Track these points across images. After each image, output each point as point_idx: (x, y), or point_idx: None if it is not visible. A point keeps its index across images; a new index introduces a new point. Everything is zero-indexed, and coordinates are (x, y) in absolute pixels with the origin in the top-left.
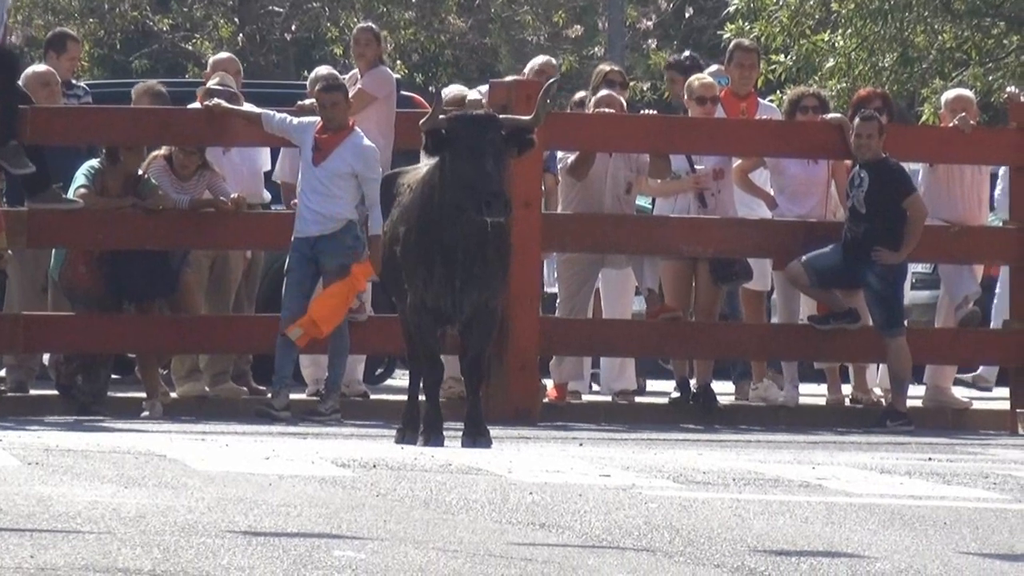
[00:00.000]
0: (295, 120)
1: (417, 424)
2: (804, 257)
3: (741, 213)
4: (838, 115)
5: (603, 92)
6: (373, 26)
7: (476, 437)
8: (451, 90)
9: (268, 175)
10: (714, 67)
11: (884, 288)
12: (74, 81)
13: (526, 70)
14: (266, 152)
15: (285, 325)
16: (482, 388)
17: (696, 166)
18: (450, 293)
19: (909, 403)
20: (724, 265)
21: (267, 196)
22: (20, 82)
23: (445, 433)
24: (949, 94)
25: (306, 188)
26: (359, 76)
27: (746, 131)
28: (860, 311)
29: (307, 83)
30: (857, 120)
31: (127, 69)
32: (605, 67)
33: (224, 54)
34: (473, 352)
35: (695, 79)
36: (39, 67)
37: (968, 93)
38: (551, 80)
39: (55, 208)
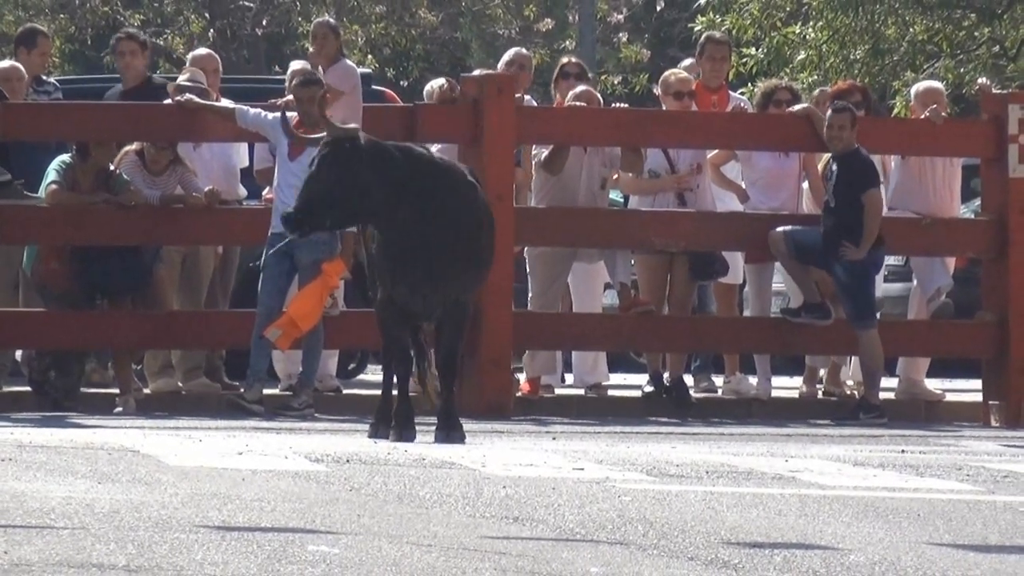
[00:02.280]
0: (270, 115)
1: (390, 418)
2: (788, 228)
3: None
4: (805, 106)
5: (580, 88)
6: (330, 20)
7: (449, 432)
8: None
9: (245, 172)
10: (688, 61)
11: (851, 281)
12: (44, 77)
13: (501, 63)
14: (243, 148)
15: (262, 323)
16: (456, 383)
17: (675, 164)
18: (416, 290)
19: (882, 395)
20: (705, 262)
21: (243, 192)
22: None
23: (420, 428)
24: (920, 86)
25: (282, 184)
26: (322, 72)
27: (718, 124)
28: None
29: (283, 78)
30: (829, 112)
31: (98, 65)
32: (563, 59)
33: (203, 50)
34: (445, 348)
35: (671, 74)
36: (4, 63)
37: (939, 85)
38: (322, 91)
39: (16, 204)
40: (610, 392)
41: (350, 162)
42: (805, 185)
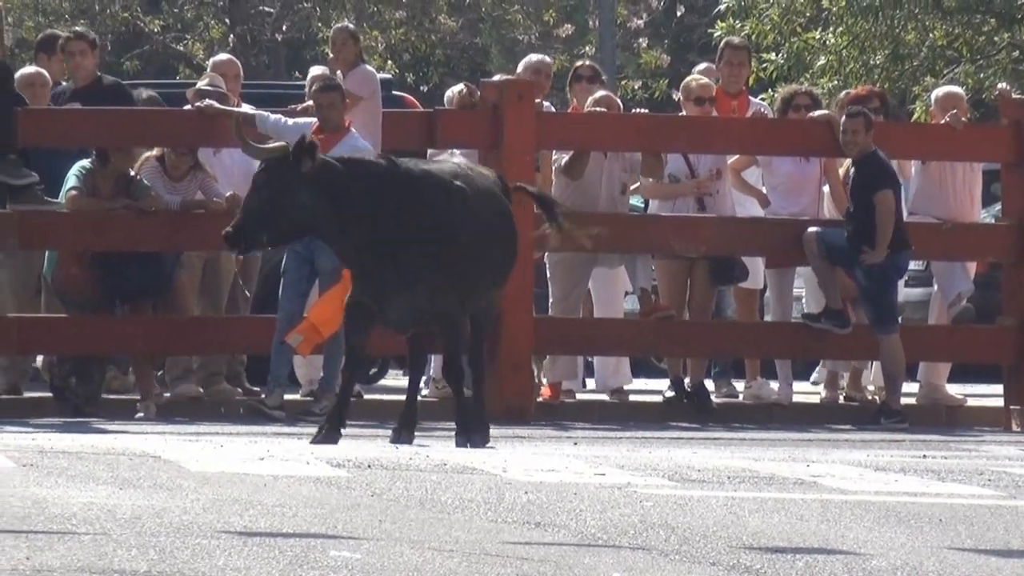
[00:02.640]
0: (290, 121)
1: (411, 423)
2: (821, 229)
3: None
4: (826, 111)
5: (600, 93)
6: (350, 25)
7: (468, 435)
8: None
9: None
10: (703, 65)
11: (871, 286)
12: (64, 82)
13: (520, 68)
14: None
15: (283, 328)
16: (477, 388)
17: (695, 169)
18: (376, 300)
19: (903, 400)
20: (725, 267)
21: None
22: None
23: (443, 433)
24: (940, 91)
25: None
26: (341, 77)
27: (738, 129)
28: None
29: (304, 84)
30: (844, 117)
31: (118, 70)
32: (578, 62)
33: (224, 56)
34: (445, 357)
35: (692, 79)
36: (27, 69)
37: (959, 90)
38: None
39: (36, 209)
40: (631, 397)
41: (285, 180)
42: (826, 189)
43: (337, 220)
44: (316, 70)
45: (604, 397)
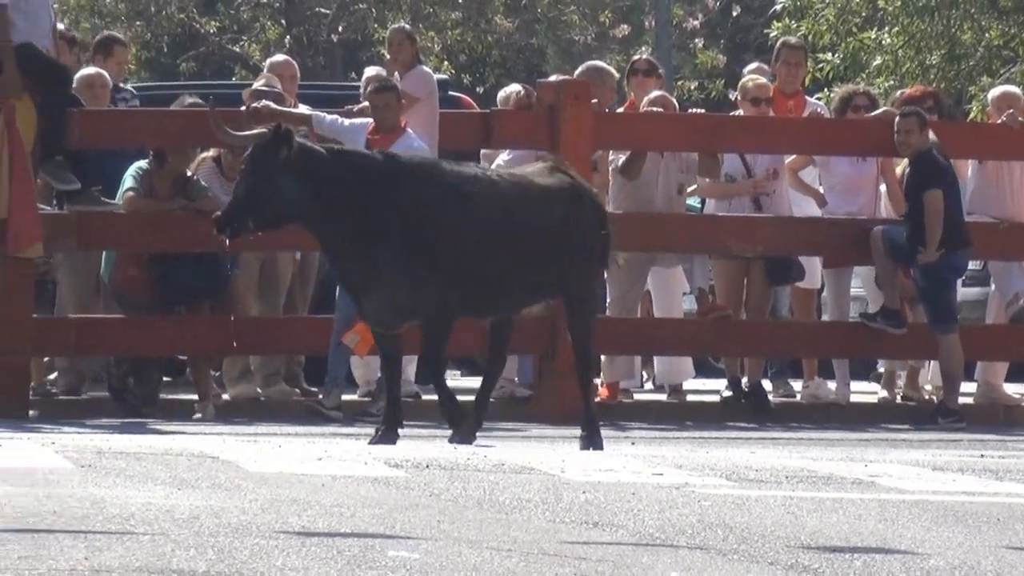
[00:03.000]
0: (347, 121)
1: (460, 422)
2: (886, 227)
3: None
4: (886, 109)
5: (656, 93)
6: (406, 26)
7: (592, 438)
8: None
9: None
10: (754, 64)
11: (928, 286)
12: (121, 84)
13: (579, 71)
14: None
15: (340, 329)
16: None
17: (751, 169)
18: (360, 295)
19: (961, 400)
20: (781, 267)
21: None
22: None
23: (502, 433)
24: (996, 91)
25: None
26: (398, 78)
27: (795, 129)
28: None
29: (359, 84)
30: (897, 117)
31: (174, 72)
32: (635, 56)
33: (280, 57)
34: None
35: (750, 80)
36: (87, 70)
37: (1015, 90)
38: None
39: (93, 210)
40: (689, 397)
41: (268, 167)
42: (883, 189)
43: (315, 209)
44: (371, 71)
45: (661, 397)
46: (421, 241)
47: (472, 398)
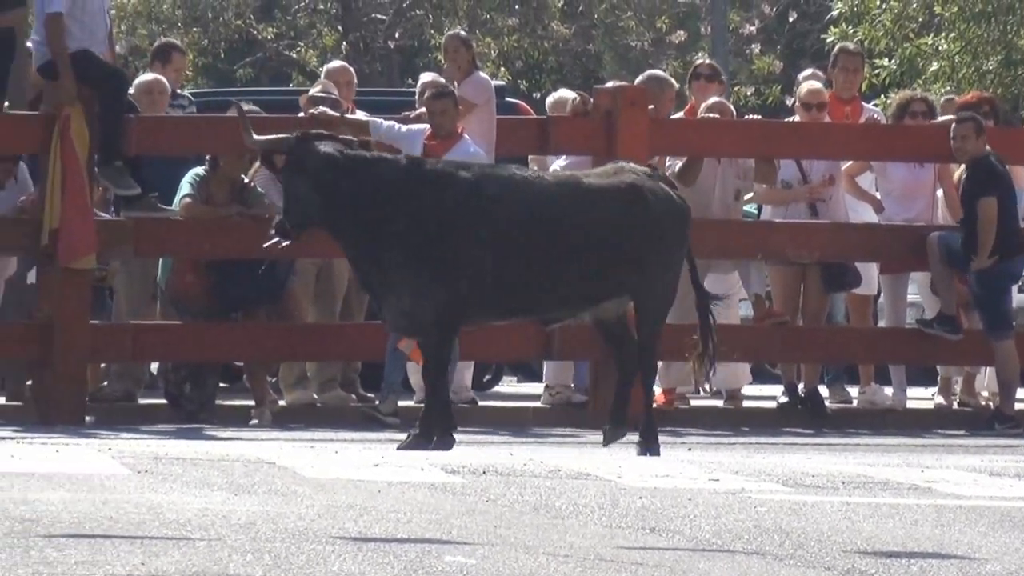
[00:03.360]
0: (404, 128)
1: (434, 431)
2: (943, 233)
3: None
4: (948, 117)
5: (713, 99)
6: (462, 33)
7: (649, 444)
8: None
9: None
10: (809, 71)
11: (984, 292)
12: (179, 91)
13: (640, 79)
14: None
15: (396, 335)
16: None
17: (808, 175)
18: (375, 297)
19: (1017, 406)
20: (836, 274)
21: None
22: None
23: (556, 439)
24: None
25: None
26: (456, 84)
27: (851, 135)
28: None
29: (414, 91)
30: (953, 123)
31: (231, 78)
32: (697, 60)
33: (337, 63)
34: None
35: (804, 86)
36: (146, 76)
37: None
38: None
39: (150, 217)
40: (745, 403)
41: (287, 171)
42: (940, 195)
43: (332, 214)
44: (426, 77)
45: (718, 403)
46: (425, 247)
47: (529, 404)
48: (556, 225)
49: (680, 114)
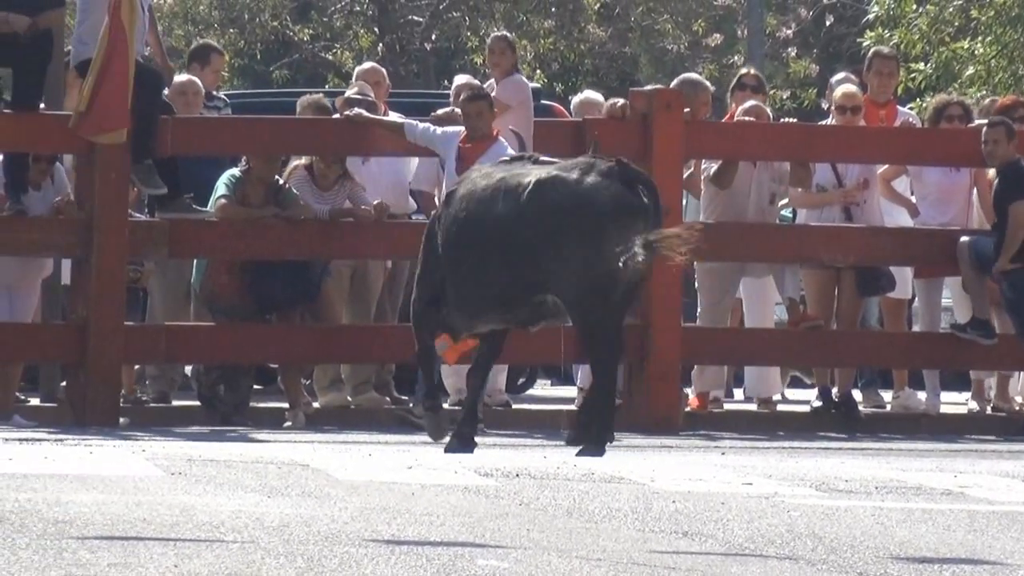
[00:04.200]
0: (439, 130)
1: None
2: (973, 237)
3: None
4: (982, 121)
5: (750, 103)
6: (508, 35)
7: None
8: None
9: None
10: (842, 74)
11: (1015, 296)
12: (214, 92)
13: (675, 83)
14: (412, 162)
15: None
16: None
17: (842, 179)
18: None
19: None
20: (870, 278)
21: (412, 205)
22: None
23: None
24: None
25: None
26: (494, 85)
27: (887, 139)
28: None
29: (450, 93)
30: (984, 127)
31: (267, 79)
32: (743, 69)
33: (368, 64)
34: None
35: (839, 89)
36: (180, 77)
37: None
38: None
39: (185, 218)
40: (779, 407)
41: None
42: (975, 199)
43: None
44: (461, 79)
45: (752, 407)
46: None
47: (563, 407)
48: (485, 225)
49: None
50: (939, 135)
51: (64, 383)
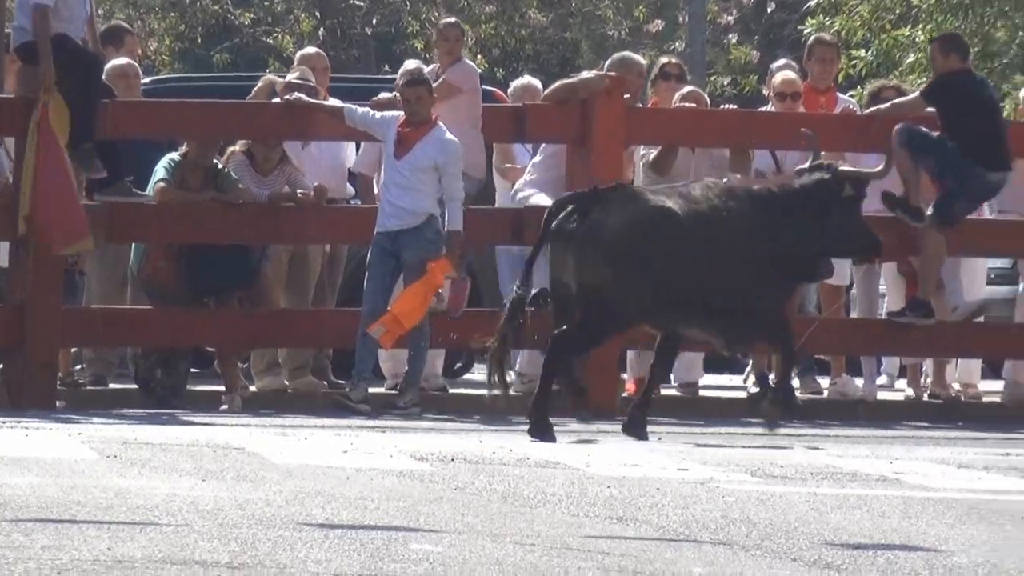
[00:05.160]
0: (378, 114)
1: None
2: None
3: None
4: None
5: (688, 88)
6: (459, 21)
7: None
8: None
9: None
10: (782, 61)
11: (954, 184)
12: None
13: (608, 64)
14: (350, 147)
15: (366, 321)
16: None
17: (781, 165)
18: None
19: (988, 399)
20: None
21: (350, 191)
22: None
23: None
24: None
25: (388, 182)
26: (442, 70)
27: (826, 125)
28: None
29: (393, 77)
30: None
31: (208, 63)
32: (663, 59)
33: (311, 49)
34: None
35: (779, 76)
36: (119, 60)
37: None
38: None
39: (124, 202)
40: (715, 393)
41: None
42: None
43: None
44: (411, 64)
45: (693, 393)
46: None
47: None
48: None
49: None
50: (879, 121)
51: (1, 366)
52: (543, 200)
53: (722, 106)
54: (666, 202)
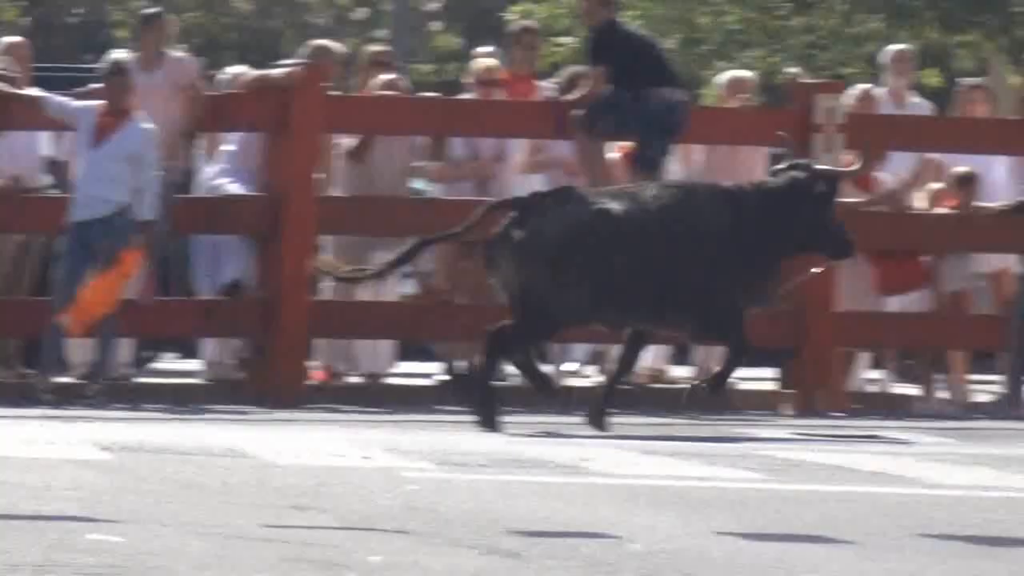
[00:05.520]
0: (74, 104)
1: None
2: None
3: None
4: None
5: (388, 76)
6: (163, 11)
7: None
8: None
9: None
10: (485, 48)
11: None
12: None
13: (305, 51)
14: (45, 136)
15: (58, 310)
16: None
17: (478, 153)
18: None
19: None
20: None
21: (46, 180)
22: None
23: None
24: (727, 75)
25: (83, 171)
26: (147, 60)
27: (526, 113)
28: None
29: (94, 67)
30: None
31: None
32: (371, 48)
33: (16, 38)
34: None
35: (478, 63)
36: None
37: (747, 74)
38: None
39: None
40: (402, 381)
41: None
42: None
43: None
44: (118, 54)
45: (379, 381)
46: None
47: (189, 380)
48: None
49: None
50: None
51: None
52: (237, 189)
53: (420, 94)
54: (608, 204)
